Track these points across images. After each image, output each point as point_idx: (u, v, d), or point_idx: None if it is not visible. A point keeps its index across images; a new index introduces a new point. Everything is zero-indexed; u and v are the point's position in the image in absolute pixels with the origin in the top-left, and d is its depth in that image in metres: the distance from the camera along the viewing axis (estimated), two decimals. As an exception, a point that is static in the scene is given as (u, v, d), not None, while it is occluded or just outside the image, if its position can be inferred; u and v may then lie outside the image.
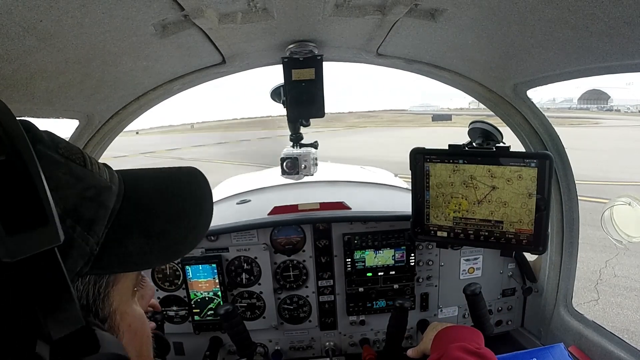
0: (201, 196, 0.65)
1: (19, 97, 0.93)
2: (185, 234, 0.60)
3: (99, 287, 0.52)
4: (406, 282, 1.81)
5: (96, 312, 0.51)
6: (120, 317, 0.55)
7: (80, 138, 1.38)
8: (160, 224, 0.58)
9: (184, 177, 0.67)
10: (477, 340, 1.17)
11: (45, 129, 0.51)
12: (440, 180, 1.45)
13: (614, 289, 4.95)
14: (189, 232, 0.60)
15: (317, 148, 1.78)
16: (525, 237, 1.37)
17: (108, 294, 0.53)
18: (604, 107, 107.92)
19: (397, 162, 4.47)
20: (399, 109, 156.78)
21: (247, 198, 2.43)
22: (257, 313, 1.84)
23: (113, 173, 0.58)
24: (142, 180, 0.63)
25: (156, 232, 0.57)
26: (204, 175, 0.68)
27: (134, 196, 0.57)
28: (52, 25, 0.75)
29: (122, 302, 0.56)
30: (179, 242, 0.59)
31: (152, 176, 0.66)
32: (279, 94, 1.52)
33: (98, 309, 0.52)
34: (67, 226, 0.45)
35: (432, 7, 0.97)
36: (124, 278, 0.57)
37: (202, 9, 0.89)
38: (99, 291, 0.52)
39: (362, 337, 1.90)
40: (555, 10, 0.82)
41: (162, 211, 0.60)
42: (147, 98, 1.44)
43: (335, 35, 1.25)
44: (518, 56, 1.14)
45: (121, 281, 0.56)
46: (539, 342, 1.77)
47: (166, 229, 0.58)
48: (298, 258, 1.82)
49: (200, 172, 0.69)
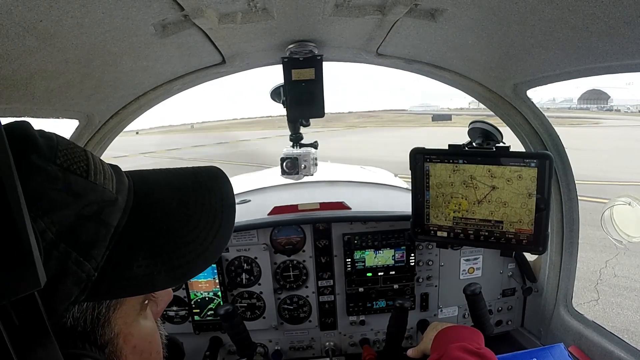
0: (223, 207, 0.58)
1: (19, 97, 0.93)
2: (199, 252, 0.52)
3: (98, 313, 0.46)
4: (406, 282, 1.81)
5: (94, 340, 0.46)
6: (123, 341, 0.50)
7: (80, 138, 1.38)
8: (172, 242, 0.51)
9: (206, 183, 0.59)
10: (478, 340, 1.17)
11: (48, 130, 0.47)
12: (440, 180, 1.45)
13: (614, 289, 4.95)
14: (205, 250, 0.53)
15: (317, 148, 1.78)
16: (525, 237, 1.37)
17: (109, 319, 0.48)
18: (604, 107, 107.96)
19: (397, 162, 4.47)
20: (399, 109, 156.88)
21: (247, 198, 2.43)
22: (257, 313, 1.84)
23: (122, 180, 0.52)
24: (156, 187, 0.56)
25: (166, 251, 0.50)
26: (227, 178, 0.62)
27: (145, 209, 0.51)
28: (52, 25, 0.75)
29: (127, 325, 0.51)
30: (191, 262, 0.52)
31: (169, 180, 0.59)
32: (279, 94, 1.52)
33: (97, 335, 0.47)
34: (60, 252, 0.41)
35: (432, 7, 0.97)
36: (130, 299, 0.51)
37: (202, 9, 0.89)
38: (98, 317, 0.46)
39: (362, 337, 1.90)
40: (555, 10, 0.82)
41: (176, 227, 0.52)
42: (147, 98, 1.44)
43: (335, 35, 1.25)
44: (518, 56, 1.14)
45: (126, 302, 0.50)
46: (539, 342, 1.76)
47: (177, 248, 0.51)
48: (298, 258, 1.82)
49: (224, 175, 0.62)
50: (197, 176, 0.61)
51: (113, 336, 0.48)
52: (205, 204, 0.57)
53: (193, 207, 0.55)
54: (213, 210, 0.56)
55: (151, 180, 0.57)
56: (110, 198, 0.47)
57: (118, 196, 0.49)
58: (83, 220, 0.43)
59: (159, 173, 0.60)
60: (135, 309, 0.52)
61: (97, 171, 0.47)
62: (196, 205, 0.56)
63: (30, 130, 0.43)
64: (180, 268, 0.51)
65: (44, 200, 0.40)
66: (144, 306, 0.55)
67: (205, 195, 0.58)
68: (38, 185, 0.40)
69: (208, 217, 0.55)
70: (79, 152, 0.47)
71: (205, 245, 0.53)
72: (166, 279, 0.50)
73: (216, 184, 0.60)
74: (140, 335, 0.53)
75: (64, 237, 0.41)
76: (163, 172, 0.61)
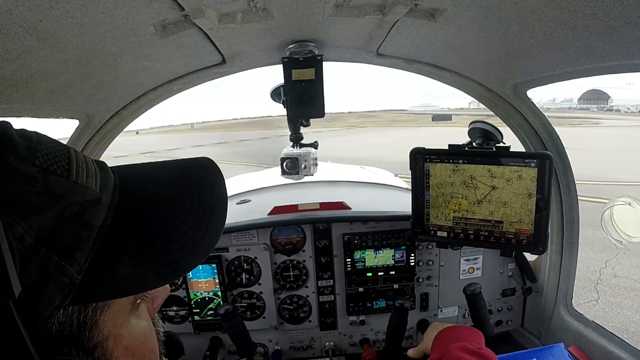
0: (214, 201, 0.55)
1: (19, 97, 0.93)
2: (189, 249, 0.50)
3: (85, 316, 0.44)
4: (406, 282, 1.81)
5: (82, 344, 0.44)
6: (114, 343, 0.48)
7: (80, 138, 1.38)
8: (160, 240, 0.49)
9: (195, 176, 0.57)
10: (478, 340, 1.17)
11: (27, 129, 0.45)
12: (440, 180, 1.45)
13: (614, 289, 4.95)
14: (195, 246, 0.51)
15: (317, 148, 1.78)
16: (525, 237, 1.37)
17: (97, 322, 0.46)
18: (604, 107, 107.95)
19: (397, 162, 4.47)
20: (399, 109, 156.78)
21: (247, 198, 2.43)
22: (257, 313, 1.84)
23: (107, 177, 0.50)
24: (143, 182, 0.54)
25: (154, 250, 0.48)
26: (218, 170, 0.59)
27: (131, 207, 0.49)
28: (52, 25, 0.75)
29: (117, 326, 0.48)
30: (180, 260, 0.50)
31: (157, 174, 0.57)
32: (279, 94, 1.52)
33: (84, 339, 0.44)
34: (41, 257, 0.39)
35: (432, 7, 0.97)
36: (119, 300, 0.48)
37: (202, 9, 0.89)
38: (85, 321, 0.44)
39: (362, 337, 1.90)
40: (555, 10, 0.82)
41: (164, 224, 0.50)
42: (147, 98, 1.44)
43: (335, 35, 1.25)
44: (518, 56, 1.14)
45: (114, 304, 0.48)
46: (539, 342, 1.77)
47: (167, 245, 0.49)
48: (298, 258, 1.82)
49: (215, 166, 0.59)
50: (186, 169, 0.58)
51: (102, 339, 0.46)
52: (195, 198, 0.54)
53: (181, 202, 0.53)
54: (203, 204, 0.54)
55: (138, 175, 0.55)
56: (93, 197, 0.45)
57: (102, 195, 0.46)
58: (64, 223, 0.41)
59: (147, 167, 0.58)
60: (126, 309, 0.50)
61: (80, 170, 0.45)
62: (185, 200, 0.53)
63: (7, 130, 0.41)
64: (169, 266, 0.49)
65: (22, 204, 0.38)
66: (135, 305, 0.52)
67: (195, 189, 0.55)
68: (15, 188, 0.38)
69: (197, 212, 0.53)
70: (61, 150, 0.45)
71: (195, 241, 0.51)
72: (155, 278, 0.48)
73: (206, 176, 0.58)
74: (132, 335, 0.51)
75: (44, 241, 0.39)
76: (151, 166, 0.59)
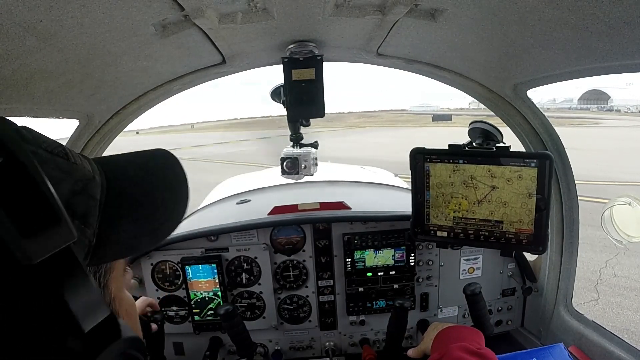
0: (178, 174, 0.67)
1: (19, 97, 0.93)
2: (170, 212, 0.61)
3: (99, 277, 0.54)
4: (406, 282, 1.81)
5: None
6: (118, 304, 0.58)
7: (80, 138, 1.38)
8: (146, 209, 0.60)
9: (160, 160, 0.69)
10: (478, 340, 1.17)
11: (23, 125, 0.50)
12: (440, 180, 1.45)
13: (614, 289, 4.95)
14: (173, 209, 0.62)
15: (317, 148, 1.78)
16: (525, 237, 1.37)
17: (107, 282, 0.56)
18: (604, 107, 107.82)
19: (397, 161, 4.47)
20: (399, 109, 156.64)
21: (247, 198, 2.44)
22: (257, 313, 1.84)
23: (91, 163, 0.58)
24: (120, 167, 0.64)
25: (143, 216, 0.59)
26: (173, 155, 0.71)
27: (116, 185, 0.58)
28: (52, 25, 0.75)
29: (118, 289, 0.59)
30: (165, 221, 0.61)
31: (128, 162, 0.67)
32: (279, 94, 1.52)
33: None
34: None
35: (432, 7, 0.97)
36: (117, 265, 0.59)
37: (202, 9, 0.89)
38: (100, 281, 0.54)
39: (362, 337, 1.90)
40: (555, 10, 0.82)
41: (146, 196, 0.61)
42: (147, 98, 1.45)
43: (335, 35, 1.25)
44: (518, 56, 1.14)
45: (115, 268, 0.59)
46: (539, 342, 1.77)
47: (151, 212, 0.60)
48: (298, 258, 1.82)
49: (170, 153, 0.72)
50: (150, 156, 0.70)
51: (110, 300, 0.57)
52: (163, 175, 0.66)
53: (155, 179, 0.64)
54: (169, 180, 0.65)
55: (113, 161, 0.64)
56: (90, 176, 0.53)
57: (95, 176, 0.54)
58: (76, 195, 0.49)
59: (118, 156, 0.68)
60: (121, 274, 0.61)
61: (74, 155, 0.53)
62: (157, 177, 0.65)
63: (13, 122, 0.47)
64: (159, 230, 0.59)
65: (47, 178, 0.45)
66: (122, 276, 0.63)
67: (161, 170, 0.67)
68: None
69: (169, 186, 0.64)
70: (55, 142, 0.52)
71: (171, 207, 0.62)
72: (148, 239, 0.58)
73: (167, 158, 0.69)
74: (127, 300, 0.62)
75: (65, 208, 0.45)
76: (121, 155, 0.69)
